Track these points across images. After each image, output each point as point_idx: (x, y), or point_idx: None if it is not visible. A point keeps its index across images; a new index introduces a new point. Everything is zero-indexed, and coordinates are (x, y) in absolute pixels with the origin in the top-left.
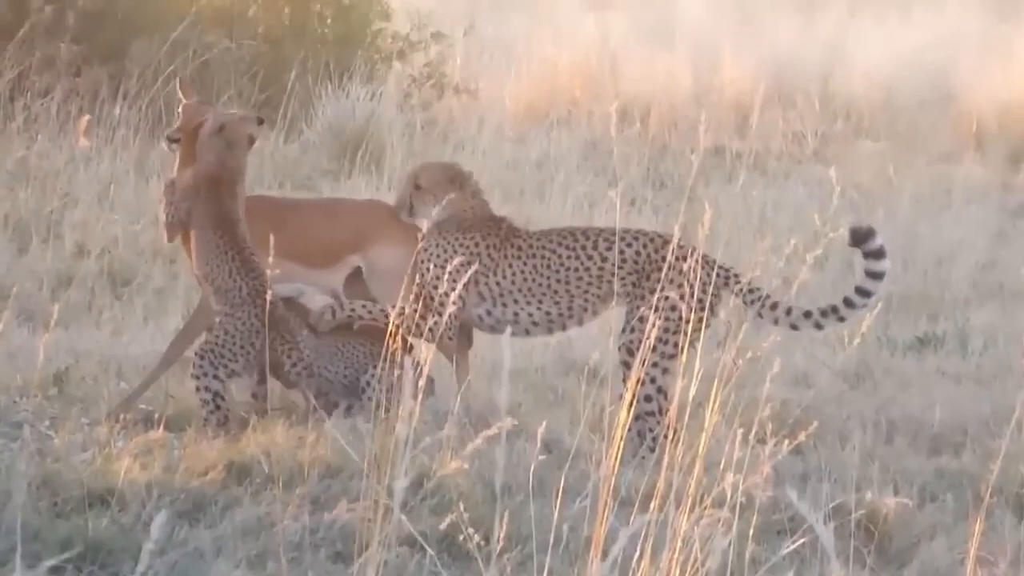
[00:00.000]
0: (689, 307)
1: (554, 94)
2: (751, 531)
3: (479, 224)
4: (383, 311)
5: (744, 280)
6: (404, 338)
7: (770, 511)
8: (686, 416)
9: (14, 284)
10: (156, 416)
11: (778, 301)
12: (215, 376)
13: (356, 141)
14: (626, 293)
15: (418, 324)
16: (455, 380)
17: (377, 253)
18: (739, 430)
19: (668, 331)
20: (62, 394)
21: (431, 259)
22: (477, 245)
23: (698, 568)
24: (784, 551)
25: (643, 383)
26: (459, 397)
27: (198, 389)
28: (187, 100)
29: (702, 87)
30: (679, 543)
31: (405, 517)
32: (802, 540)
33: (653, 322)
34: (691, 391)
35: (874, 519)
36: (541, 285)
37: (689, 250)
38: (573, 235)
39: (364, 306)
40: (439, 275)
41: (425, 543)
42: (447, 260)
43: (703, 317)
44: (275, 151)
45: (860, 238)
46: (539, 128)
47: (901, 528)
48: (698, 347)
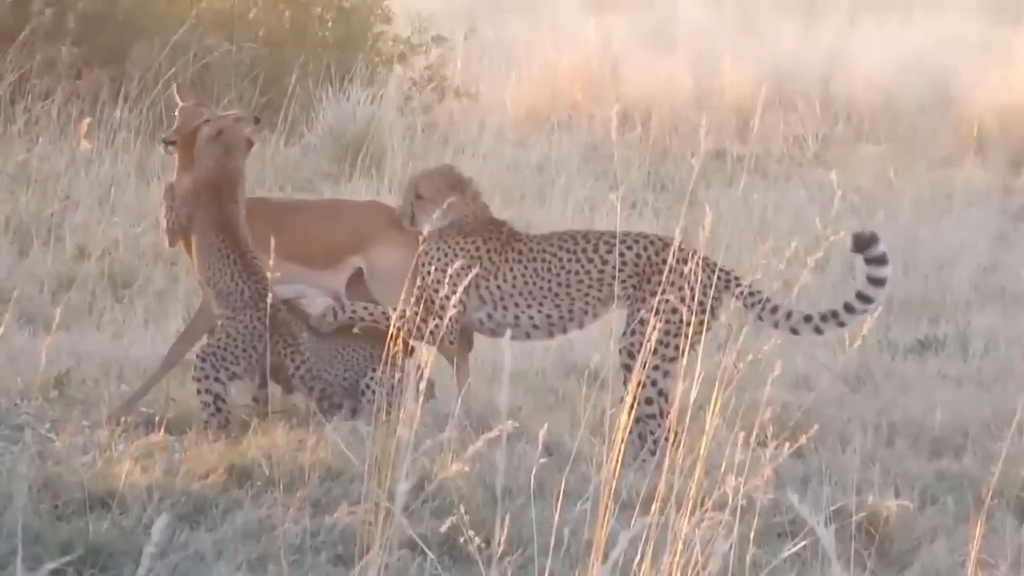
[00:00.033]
0: (690, 310)
1: (555, 97)
2: (752, 534)
3: (480, 228)
4: (384, 313)
5: (745, 283)
6: (405, 341)
7: (771, 514)
8: (687, 419)
9: (15, 287)
10: (157, 419)
11: (778, 305)
12: (216, 379)
13: (357, 144)
14: (627, 296)
15: (419, 327)
16: (455, 383)
17: (378, 255)
18: (740, 433)
19: (669, 334)
20: (63, 397)
21: (432, 262)
22: (478, 249)
23: (699, 571)
24: (785, 554)
25: (644, 386)
26: (459, 400)
27: (199, 392)
28: (183, 103)
29: (703, 90)
30: (680, 546)
31: (406, 520)
32: (803, 543)
33: (654, 325)
34: (692, 394)
35: (875, 522)
36: (542, 288)
37: (690, 253)
38: (574, 238)
39: (365, 308)
40: (440, 278)
41: (426, 546)
42: (448, 263)
43: (704, 320)
44: (276, 154)
45: (863, 244)
46: (540, 131)
47: (902, 531)
48: (699, 350)
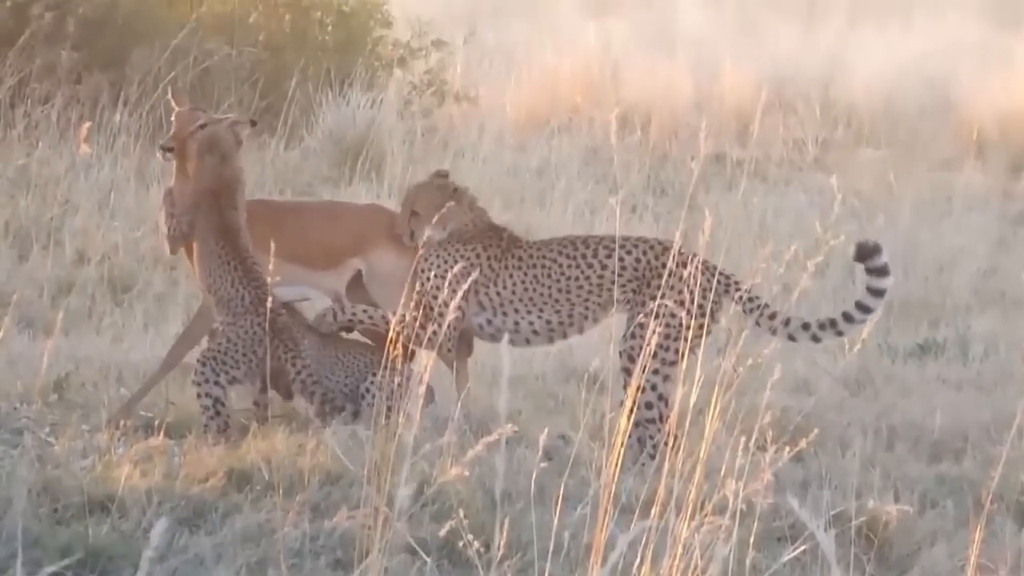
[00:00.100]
0: (690, 314)
1: (555, 101)
2: (752, 538)
3: (480, 235)
4: (384, 317)
5: (744, 287)
6: (405, 345)
7: (771, 518)
8: (687, 423)
9: (15, 291)
10: (156, 423)
11: (777, 311)
12: (216, 383)
13: (357, 148)
14: (627, 300)
15: (418, 333)
16: (455, 387)
17: (378, 257)
18: (740, 437)
19: (669, 338)
20: (62, 401)
21: (431, 268)
22: (479, 256)
23: (699, 575)
24: (785, 558)
25: (644, 390)
26: (459, 404)
27: (199, 396)
28: (179, 108)
29: (703, 94)
30: (679, 550)
31: (405, 524)
32: (803, 547)
33: (653, 329)
34: (692, 398)
35: (875, 526)
36: (542, 295)
37: (689, 256)
38: (573, 244)
39: (365, 311)
40: (439, 284)
41: (425, 550)
42: (447, 270)
43: (704, 324)
44: (276, 158)
45: (865, 254)
46: (540, 135)
47: (902, 535)
48: (699, 354)
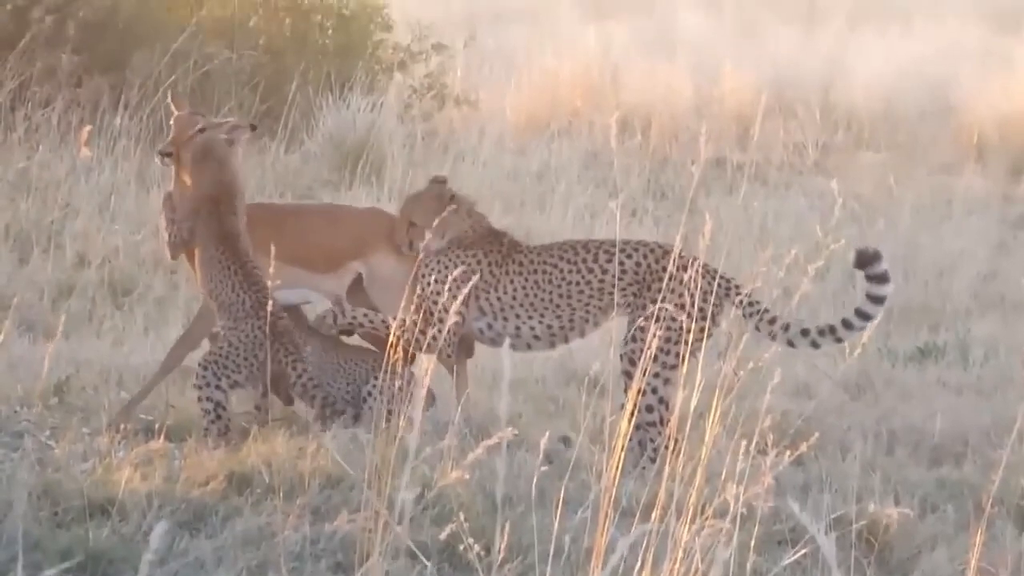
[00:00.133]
0: (690, 317)
1: (555, 105)
2: (752, 542)
3: (480, 240)
4: (384, 321)
5: (744, 291)
6: (406, 349)
7: (771, 522)
8: (687, 426)
9: (15, 294)
10: (157, 426)
11: (776, 316)
12: (217, 386)
13: (357, 152)
14: (627, 304)
15: (418, 337)
16: (455, 391)
17: (378, 261)
18: (740, 441)
19: (669, 341)
20: (63, 404)
21: (432, 273)
22: (479, 262)
23: None
24: (785, 562)
25: (644, 393)
26: (459, 407)
27: (200, 399)
28: (178, 112)
29: (703, 98)
30: (680, 554)
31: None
32: (803, 551)
33: (654, 332)
34: (692, 401)
35: (875, 530)
36: (543, 300)
37: (690, 260)
38: (574, 248)
39: (365, 315)
40: (439, 289)
41: (426, 554)
42: (447, 274)
43: (704, 327)
44: (276, 162)
45: (865, 261)
46: (540, 139)
47: (902, 539)
48: (699, 357)
